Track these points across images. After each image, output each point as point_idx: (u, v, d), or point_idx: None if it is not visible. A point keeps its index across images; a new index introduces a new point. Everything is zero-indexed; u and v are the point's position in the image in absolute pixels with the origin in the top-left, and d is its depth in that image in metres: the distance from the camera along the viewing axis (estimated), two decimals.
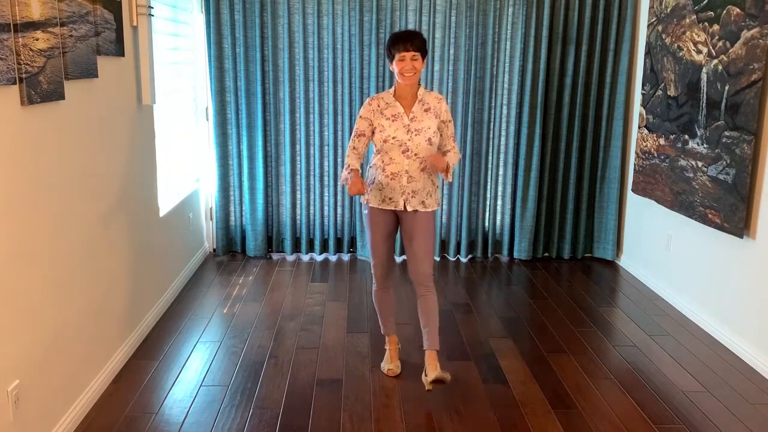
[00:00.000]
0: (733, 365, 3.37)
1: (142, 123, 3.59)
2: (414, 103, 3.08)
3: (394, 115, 3.06)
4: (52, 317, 2.54)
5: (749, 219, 3.42)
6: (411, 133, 3.04)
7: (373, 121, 3.08)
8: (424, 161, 3.03)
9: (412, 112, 3.06)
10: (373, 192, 3.09)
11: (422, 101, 3.09)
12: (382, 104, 3.09)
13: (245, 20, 4.66)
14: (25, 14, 2.23)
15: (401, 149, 3.04)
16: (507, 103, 4.93)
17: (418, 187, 3.05)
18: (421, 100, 3.09)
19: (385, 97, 3.11)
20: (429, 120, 3.06)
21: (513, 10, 4.75)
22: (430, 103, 3.09)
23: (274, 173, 4.98)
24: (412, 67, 2.99)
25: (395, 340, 3.32)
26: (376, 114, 3.08)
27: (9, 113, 2.21)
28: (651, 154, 4.37)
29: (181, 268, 4.38)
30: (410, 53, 2.98)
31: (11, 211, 2.24)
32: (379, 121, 3.06)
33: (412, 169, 3.04)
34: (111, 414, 2.80)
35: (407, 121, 3.05)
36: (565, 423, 2.79)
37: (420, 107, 3.07)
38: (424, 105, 3.08)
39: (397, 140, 3.04)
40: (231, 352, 3.41)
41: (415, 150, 3.03)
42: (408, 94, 3.09)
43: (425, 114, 3.07)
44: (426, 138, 3.04)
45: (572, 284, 4.56)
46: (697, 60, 3.81)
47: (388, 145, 3.05)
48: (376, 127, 3.08)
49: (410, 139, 3.03)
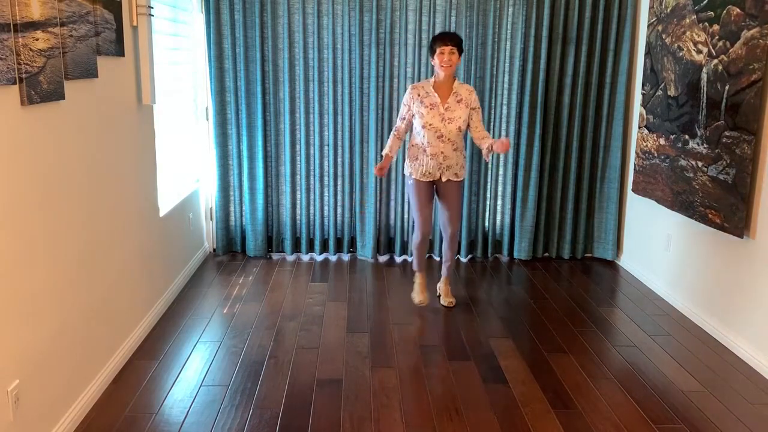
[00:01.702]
0: (733, 365, 3.37)
1: (142, 123, 3.59)
2: (449, 95, 3.73)
3: (432, 104, 3.71)
4: (52, 317, 2.54)
5: (749, 219, 3.42)
6: (445, 121, 3.72)
7: (411, 107, 3.75)
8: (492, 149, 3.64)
9: (447, 103, 3.71)
10: (416, 167, 3.83)
11: (456, 93, 3.74)
12: (422, 93, 3.74)
13: (245, 20, 4.66)
14: (25, 14, 2.23)
15: (436, 135, 3.74)
16: (507, 103, 4.93)
17: (451, 163, 3.81)
18: (455, 92, 3.74)
19: (425, 86, 3.76)
20: (461, 110, 3.73)
21: (513, 10, 4.75)
22: (462, 95, 3.74)
23: (274, 173, 4.99)
24: (450, 60, 3.64)
25: (424, 277, 4.08)
26: (415, 101, 3.74)
27: (9, 113, 2.21)
28: (651, 154, 4.38)
29: (181, 268, 4.38)
30: (449, 47, 3.63)
31: (11, 211, 2.24)
32: (418, 108, 3.73)
33: (447, 150, 3.77)
34: (111, 414, 2.80)
35: (442, 111, 3.71)
36: (565, 423, 2.79)
37: (454, 98, 3.73)
38: (457, 96, 3.73)
39: (434, 127, 3.73)
40: (231, 352, 3.41)
41: (448, 135, 3.75)
42: (445, 85, 3.74)
43: (458, 105, 3.72)
44: (457, 126, 3.73)
45: (572, 284, 4.56)
46: (697, 60, 3.81)
47: (426, 131, 3.75)
48: (415, 113, 3.75)
49: (444, 126, 3.73)
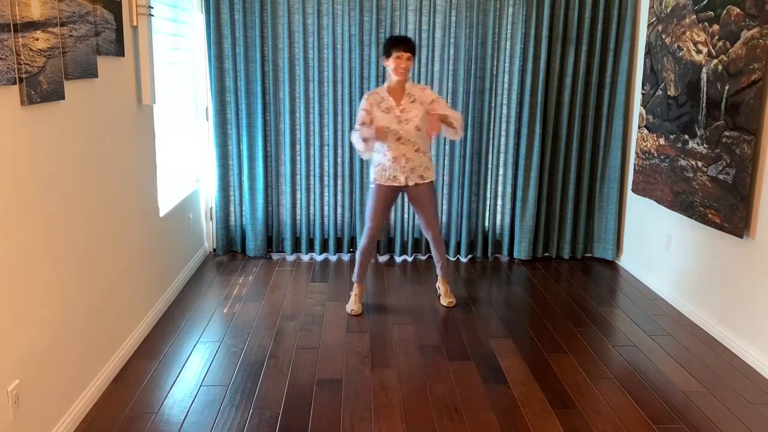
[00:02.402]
0: (733, 365, 3.37)
1: (142, 123, 3.59)
2: (403, 97, 3.76)
3: (387, 108, 3.74)
4: (52, 317, 2.54)
5: (749, 219, 3.42)
6: (402, 123, 3.73)
7: (371, 112, 3.75)
8: (429, 133, 3.63)
9: (401, 105, 3.74)
10: (380, 172, 3.82)
11: (410, 94, 3.76)
12: (378, 98, 3.77)
13: (245, 20, 4.66)
14: (25, 14, 2.23)
15: (395, 137, 3.74)
16: (507, 103, 4.93)
17: (414, 165, 3.80)
18: (408, 93, 3.76)
19: (380, 92, 3.79)
20: (416, 110, 3.73)
21: (513, 10, 4.75)
22: (415, 95, 3.76)
23: (274, 173, 4.99)
24: (406, 66, 3.69)
25: (361, 288, 4.07)
26: (373, 107, 3.75)
27: (9, 113, 2.21)
28: (651, 154, 4.38)
29: (181, 268, 4.38)
30: (406, 54, 3.67)
31: (11, 211, 2.24)
32: (376, 113, 3.74)
33: (408, 152, 3.77)
34: (111, 414, 2.80)
35: (398, 113, 3.73)
36: (565, 423, 2.79)
37: (408, 100, 3.75)
38: (411, 97, 3.76)
39: (392, 130, 3.73)
40: (231, 352, 3.41)
41: (407, 136, 3.74)
42: (398, 89, 3.77)
43: (412, 105, 3.74)
44: (414, 126, 3.73)
45: (572, 284, 4.56)
46: (697, 60, 3.81)
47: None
48: (373, 118, 3.74)
49: (401, 128, 3.73)
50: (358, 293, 4.03)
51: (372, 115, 3.73)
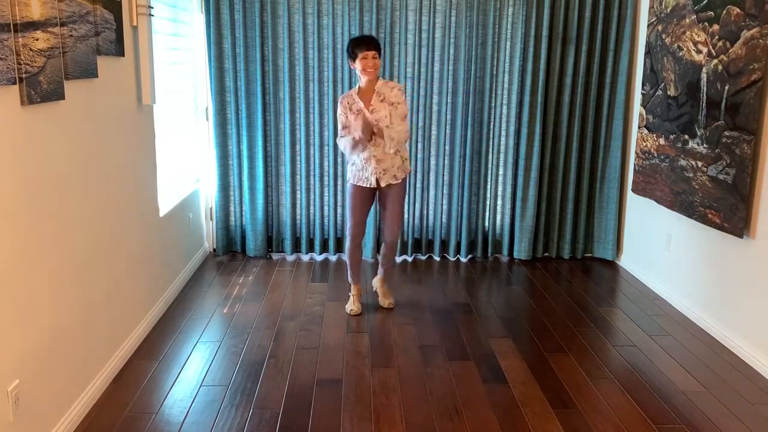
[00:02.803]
0: (733, 365, 3.37)
1: (142, 123, 3.59)
2: (372, 97, 3.65)
3: (358, 110, 3.65)
4: (52, 317, 2.54)
5: (749, 219, 3.42)
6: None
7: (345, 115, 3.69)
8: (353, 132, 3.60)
9: (371, 105, 3.65)
10: (354, 172, 3.76)
11: (379, 93, 3.65)
12: (350, 101, 3.68)
13: (245, 20, 4.66)
14: (25, 14, 2.23)
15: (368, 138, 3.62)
16: (507, 103, 4.93)
17: (387, 166, 3.70)
18: (378, 92, 3.65)
19: (351, 94, 3.70)
20: (385, 109, 3.63)
21: (513, 10, 4.75)
22: (384, 93, 3.65)
23: (274, 173, 4.98)
24: (374, 64, 3.57)
25: (359, 288, 4.03)
26: (346, 110, 3.69)
27: (9, 113, 2.21)
28: (651, 154, 4.37)
29: (181, 268, 4.38)
30: (372, 52, 3.56)
31: (11, 212, 2.24)
32: (348, 116, 3.68)
33: (379, 153, 3.67)
34: (111, 414, 2.80)
35: (368, 114, 3.63)
36: (565, 423, 2.79)
37: (377, 99, 3.65)
38: (380, 96, 3.65)
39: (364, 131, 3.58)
40: (231, 352, 3.41)
41: (377, 137, 3.63)
42: (369, 89, 3.67)
43: (381, 104, 3.64)
44: (384, 126, 3.61)
45: (572, 284, 4.56)
46: (697, 60, 3.81)
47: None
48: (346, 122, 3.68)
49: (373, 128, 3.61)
50: (356, 293, 4.02)
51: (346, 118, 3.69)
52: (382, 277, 4.12)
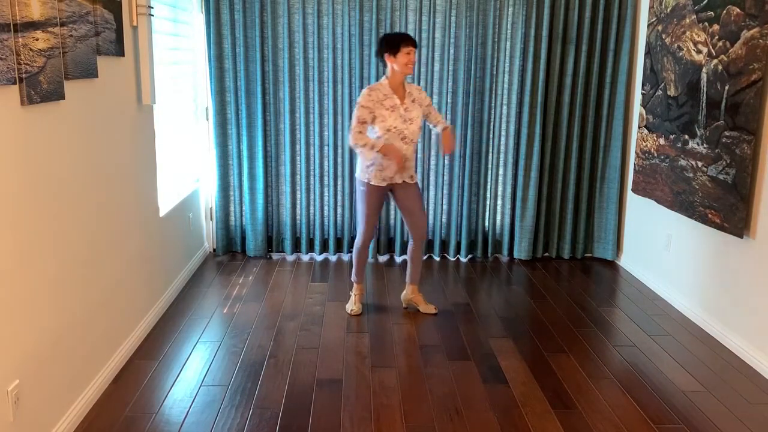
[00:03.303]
0: (733, 365, 3.37)
1: (142, 123, 3.59)
2: (405, 95, 3.61)
3: (392, 106, 3.56)
4: (53, 317, 2.54)
5: (749, 219, 3.42)
6: (406, 122, 3.59)
7: (374, 110, 3.54)
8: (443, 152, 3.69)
9: (404, 104, 3.59)
10: (375, 172, 3.64)
11: (410, 93, 3.63)
12: (381, 95, 3.55)
13: (245, 20, 4.66)
14: (25, 14, 2.23)
15: (400, 137, 3.59)
16: (507, 103, 4.93)
17: (410, 165, 3.72)
18: (409, 92, 3.63)
19: (382, 88, 3.57)
20: (417, 110, 3.63)
21: (513, 10, 4.75)
22: (414, 95, 3.64)
23: (274, 173, 4.99)
24: (414, 61, 3.53)
25: (362, 288, 4.02)
26: (376, 104, 3.53)
27: (9, 113, 2.21)
28: (651, 154, 4.38)
29: (181, 268, 4.38)
30: (414, 49, 3.52)
31: (11, 212, 2.24)
32: (380, 111, 3.53)
33: (409, 152, 3.66)
34: (111, 414, 2.80)
35: (402, 112, 3.57)
36: (565, 423, 2.79)
37: (409, 99, 3.61)
38: (411, 96, 3.63)
39: (397, 129, 3.57)
40: (231, 352, 3.41)
41: (411, 137, 3.62)
42: (400, 87, 3.61)
43: (413, 105, 3.62)
44: (418, 126, 3.63)
45: (572, 284, 4.56)
46: (697, 60, 3.81)
47: (391, 134, 3.56)
48: (376, 117, 3.54)
49: (406, 128, 3.59)
50: (357, 293, 4.00)
51: (375, 113, 3.51)
52: (416, 286, 3.98)
